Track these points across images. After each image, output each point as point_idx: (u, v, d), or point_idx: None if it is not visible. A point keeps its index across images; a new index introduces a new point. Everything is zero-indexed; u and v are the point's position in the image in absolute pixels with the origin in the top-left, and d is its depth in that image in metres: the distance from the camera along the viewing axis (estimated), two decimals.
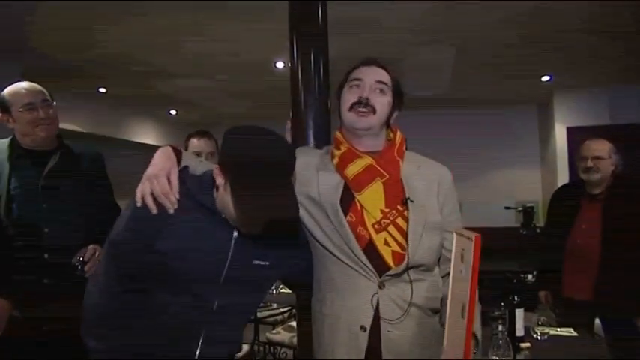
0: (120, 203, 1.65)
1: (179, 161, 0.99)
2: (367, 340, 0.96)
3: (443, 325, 0.91)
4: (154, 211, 0.88)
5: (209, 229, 0.90)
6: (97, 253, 1.35)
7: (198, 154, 1.74)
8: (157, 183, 0.91)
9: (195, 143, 1.78)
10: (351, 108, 1.03)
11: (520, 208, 4.46)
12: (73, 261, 1.34)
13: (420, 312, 0.99)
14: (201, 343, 0.92)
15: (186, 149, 1.80)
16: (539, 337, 1.60)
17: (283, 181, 0.85)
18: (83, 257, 1.35)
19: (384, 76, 1.06)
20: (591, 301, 1.76)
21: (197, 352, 0.91)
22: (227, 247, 0.91)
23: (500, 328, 1.37)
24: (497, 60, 3.42)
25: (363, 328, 0.97)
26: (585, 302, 1.77)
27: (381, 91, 1.05)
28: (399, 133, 1.12)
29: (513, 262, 3.65)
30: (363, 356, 0.97)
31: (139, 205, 0.90)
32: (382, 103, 1.04)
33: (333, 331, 1.01)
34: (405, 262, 0.97)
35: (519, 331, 1.51)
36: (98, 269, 0.99)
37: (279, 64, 3.43)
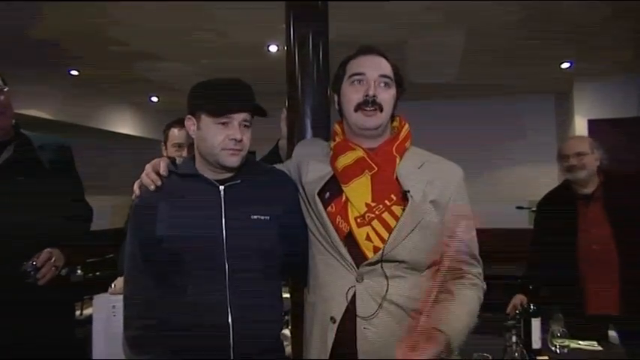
0: (94, 199, 1.64)
1: None
2: (335, 332, 1.00)
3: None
4: (152, 187, 1.07)
5: (196, 193, 1.06)
6: (52, 258, 1.32)
7: (179, 146, 1.72)
8: (145, 172, 1.09)
9: (175, 133, 1.74)
10: (357, 108, 1.06)
11: (534, 209, 4.43)
12: (24, 267, 1.29)
13: (401, 312, 1.00)
14: (232, 319, 1.00)
15: (165, 140, 1.78)
16: (558, 351, 1.58)
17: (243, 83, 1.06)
18: (36, 262, 1.30)
19: (387, 68, 1.08)
20: (618, 315, 1.77)
21: (230, 327, 1.00)
22: (218, 204, 1.04)
23: (514, 339, 1.38)
24: (511, 44, 3.39)
25: (332, 319, 1.01)
26: (610, 316, 1.79)
27: (386, 85, 1.08)
28: (405, 127, 1.14)
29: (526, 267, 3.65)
30: (328, 349, 1.00)
31: (132, 197, 1.10)
32: (388, 98, 1.07)
33: (311, 320, 1.08)
34: (380, 253, 0.99)
35: (536, 344, 1.51)
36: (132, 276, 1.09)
37: (273, 48, 3.41)
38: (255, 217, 1.05)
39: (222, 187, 1.06)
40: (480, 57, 3.72)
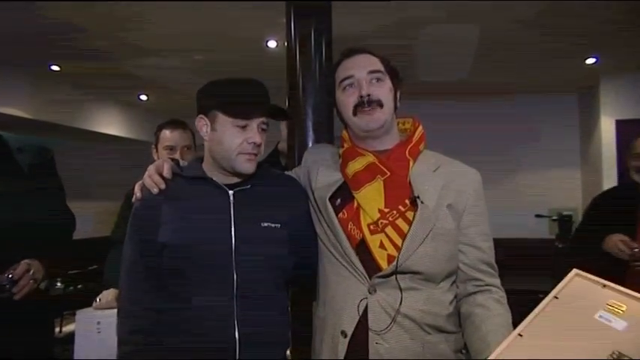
0: (78, 206, 1.66)
1: None
2: (346, 347, 1.02)
3: (459, 350, 0.98)
4: (155, 189, 1.08)
5: (203, 197, 1.07)
6: (31, 271, 1.32)
7: (171, 149, 1.75)
8: (147, 174, 1.11)
9: (167, 135, 1.77)
10: (355, 111, 1.09)
11: (555, 217, 4.44)
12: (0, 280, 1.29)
13: (416, 327, 1.02)
14: (239, 334, 1.01)
15: (156, 142, 1.80)
16: None
17: (258, 82, 1.08)
18: (13, 275, 1.30)
19: (375, 63, 1.12)
20: None
21: (237, 340, 1.00)
22: (227, 209, 1.06)
23: None
24: (529, 38, 3.37)
25: (343, 333, 1.03)
26: None
27: (378, 80, 1.11)
28: (419, 129, 1.16)
29: (547, 281, 3.65)
30: None
31: (133, 199, 1.11)
32: (384, 93, 1.10)
33: (321, 334, 1.10)
34: (394, 264, 1.01)
35: None
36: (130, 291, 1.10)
37: (272, 43, 3.43)
38: (266, 224, 1.07)
39: (231, 192, 1.08)
40: (494, 53, 3.72)
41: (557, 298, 0.82)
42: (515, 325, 0.84)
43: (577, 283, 0.84)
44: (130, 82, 4.51)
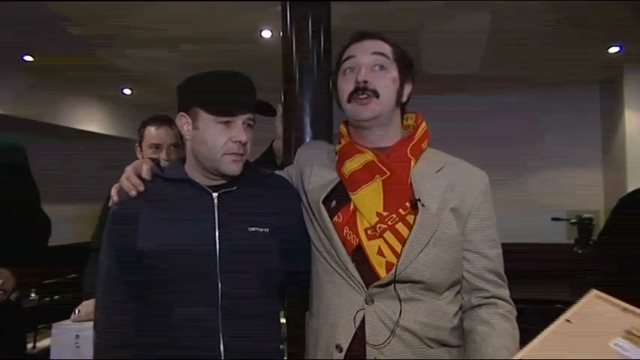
0: (53, 209, 1.66)
1: None
2: None
3: None
4: (133, 192, 1.08)
5: (185, 200, 1.07)
6: (0, 281, 1.31)
7: (157, 147, 1.76)
8: (125, 175, 1.11)
9: (152, 133, 1.78)
10: (350, 98, 1.09)
11: (574, 220, 4.43)
12: None
13: (417, 341, 1.02)
14: (224, 348, 1.01)
15: (140, 140, 1.81)
16: None
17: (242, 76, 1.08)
18: None
19: (381, 47, 1.11)
20: None
21: (222, 354, 1.01)
22: (211, 213, 1.06)
23: None
24: (545, 25, 3.36)
25: (338, 347, 1.03)
26: None
27: (382, 67, 1.09)
28: (422, 126, 1.16)
29: (565, 290, 3.64)
30: None
31: (110, 203, 1.11)
32: (384, 82, 1.09)
33: (314, 348, 1.10)
34: (393, 271, 1.01)
35: None
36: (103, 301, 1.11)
37: (266, 33, 3.44)
38: (253, 229, 1.07)
39: (215, 195, 1.08)
40: (507, 42, 3.71)
41: (569, 321, 0.81)
42: (525, 342, 0.83)
43: (594, 304, 0.82)
44: (113, 75, 4.51)
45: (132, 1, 2.77)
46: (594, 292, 0.84)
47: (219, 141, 1.04)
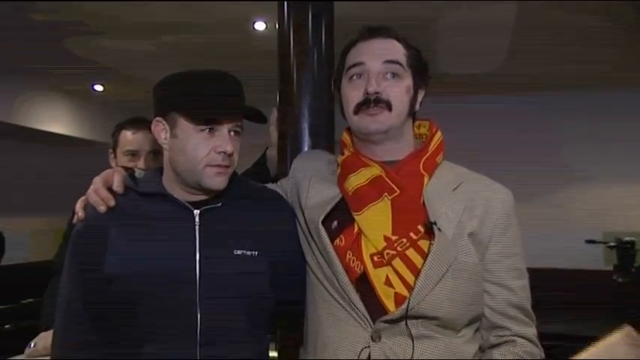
0: (9, 223, 1.64)
1: None
2: None
3: None
4: (102, 207, 1.07)
5: (162, 218, 1.06)
6: None
7: (133, 154, 1.77)
8: (93, 188, 1.11)
9: (129, 137, 1.79)
10: (358, 110, 1.09)
11: (612, 243, 4.41)
12: None
13: None
14: None
15: (115, 145, 1.82)
16: None
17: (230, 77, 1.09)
18: None
19: (396, 52, 1.11)
20: None
21: None
22: (191, 233, 1.05)
23: None
24: (577, 20, 3.37)
25: None
26: None
27: (395, 75, 1.10)
28: (437, 136, 1.17)
29: (603, 323, 3.62)
30: None
31: (74, 220, 1.11)
32: (398, 93, 1.10)
33: None
34: (404, 306, 1.00)
35: None
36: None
37: (260, 25, 3.46)
38: (240, 252, 1.07)
39: (197, 212, 1.08)
40: (535, 37, 3.73)
41: None
42: None
43: (622, 342, 0.80)
44: (82, 69, 4.52)
45: None
46: (627, 328, 0.83)
47: (201, 152, 1.04)
